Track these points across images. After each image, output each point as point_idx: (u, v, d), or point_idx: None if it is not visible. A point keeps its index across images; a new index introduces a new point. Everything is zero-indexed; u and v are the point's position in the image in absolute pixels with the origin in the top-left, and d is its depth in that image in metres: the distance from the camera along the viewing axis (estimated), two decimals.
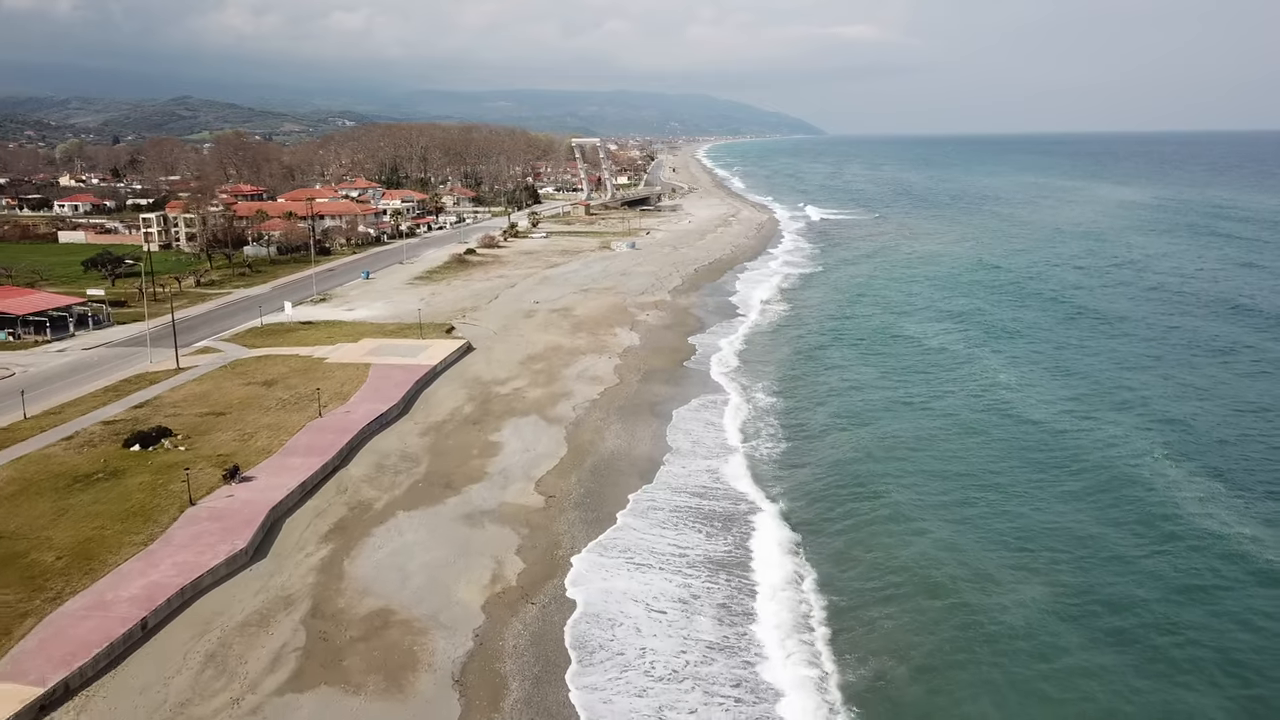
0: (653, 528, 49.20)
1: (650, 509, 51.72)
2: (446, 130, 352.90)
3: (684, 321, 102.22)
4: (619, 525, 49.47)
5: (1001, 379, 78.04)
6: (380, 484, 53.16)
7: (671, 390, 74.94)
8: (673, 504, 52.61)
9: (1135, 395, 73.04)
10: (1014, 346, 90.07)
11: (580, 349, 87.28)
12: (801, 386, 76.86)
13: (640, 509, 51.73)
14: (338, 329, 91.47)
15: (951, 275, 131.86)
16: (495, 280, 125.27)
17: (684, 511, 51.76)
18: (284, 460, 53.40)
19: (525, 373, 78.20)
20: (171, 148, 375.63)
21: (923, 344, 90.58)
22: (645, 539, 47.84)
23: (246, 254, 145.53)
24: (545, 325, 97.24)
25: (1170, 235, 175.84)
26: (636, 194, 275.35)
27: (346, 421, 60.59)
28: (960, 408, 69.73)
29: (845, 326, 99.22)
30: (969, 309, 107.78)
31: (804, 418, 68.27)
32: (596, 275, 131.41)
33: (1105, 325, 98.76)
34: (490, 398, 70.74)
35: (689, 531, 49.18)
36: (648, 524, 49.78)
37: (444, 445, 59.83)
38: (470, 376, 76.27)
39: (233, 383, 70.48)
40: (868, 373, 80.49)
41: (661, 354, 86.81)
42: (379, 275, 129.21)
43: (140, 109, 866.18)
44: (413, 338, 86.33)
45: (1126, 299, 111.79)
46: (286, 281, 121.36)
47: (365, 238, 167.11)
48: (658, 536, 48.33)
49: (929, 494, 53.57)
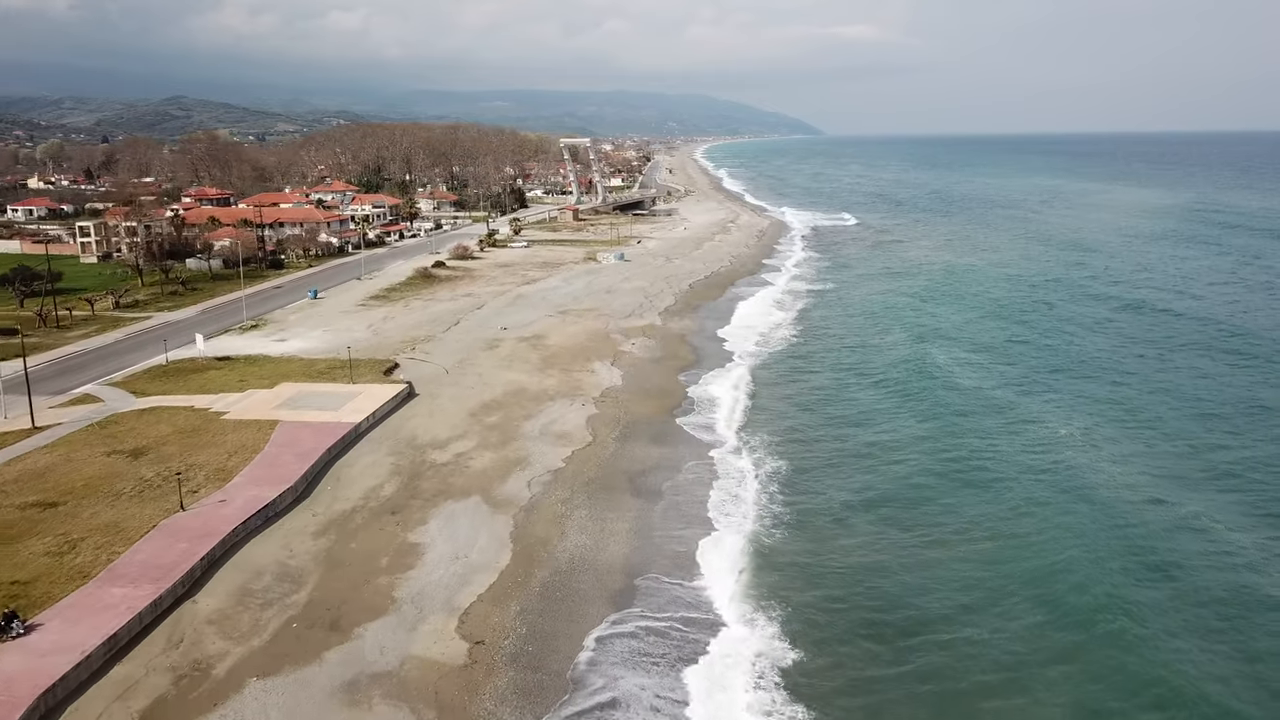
0: (624, 704, 33.78)
1: (622, 662, 36.35)
2: (431, 130, 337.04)
3: (676, 353, 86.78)
4: (570, 701, 34.04)
5: (1062, 434, 62.83)
6: (236, 626, 37.66)
7: (657, 454, 59.51)
8: (652, 653, 37.24)
9: (1229, 457, 58.05)
10: (1064, 386, 74.81)
11: (549, 392, 71.88)
12: (819, 448, 61.30)
13: (606, 662, 36.37)
14: (257, 368, 75.90)
15: (977, 294, 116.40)
16: (461, 300, 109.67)
17: (665, 662, 36.46)
18: (100, 592, 37.89)
19: (474, 429, 62.71)
20: (146, 148, 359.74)
21: (959, 385, 75.18)
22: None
23: (190, 267, 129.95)
24: (510, 359, 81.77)
25: (1207, 247, 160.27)
26: (629, 198, 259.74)
27: (215, 518, 45.10)
28: (1018, 481, 54.28)
29: (866, 362, 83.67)
30: (1004, 337, 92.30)
31: (824, 499, 52.74)
32: (578, 293, 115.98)
33: (1166, 356, 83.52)
34: (422, 470, 55.21)
35: (674, 703, 33.88)
36: (615, 692, 34.40)
37: (343, 552, 44.34)
38: (404, 436, 60.72)
39: (91, 452, 54.91)
40: (897, 428, 64.98)
41: (647, 399, 71.41)
42: (330, 294, 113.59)
43: (133, 109, 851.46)
44: (342, 381, 70.81)
45: (1185, 323, 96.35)
46: (220, 303, 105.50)
47: (327, 248, 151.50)
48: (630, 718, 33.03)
49: (1001, 637, 38.11)
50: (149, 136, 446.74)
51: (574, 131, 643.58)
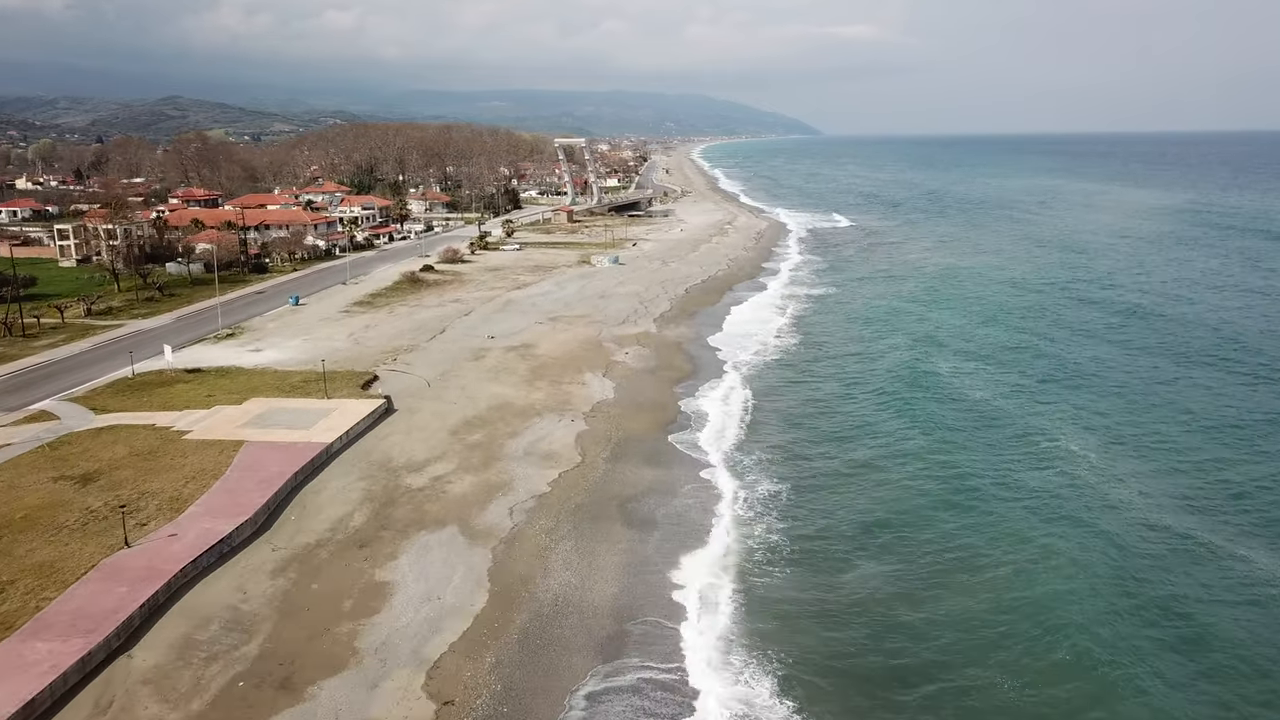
0: None
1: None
2: (424, 130, 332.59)
3: (671, 362, 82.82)
4: None
5: (1074, 450, 58.99)
6: (175, 686, 33.61)
7: (650, 476, 55.53)
8: (643, 710, 33.34)
9: (1240, 475, 54.35)
10: (1071, 398, 70.91)
11: (536, 406, 67.89)
12: (819, 468, 57.33)
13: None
14: (228, 381, 71.79)
15: (981, 298, 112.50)
16: (448, 306, 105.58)
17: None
18: (22, 648, 33.84)
19: (455, 449, 58.69)
20: (137, 148, 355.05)
21: (962, 398, 71.37)
22: None
23: (170, 272, 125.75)
24: (496, 371, 77.76)
25: (1209, 249, 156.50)
26: (625, 198, 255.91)
27: (162, 556, 41.04)
28: (1022, 505, 50.37)
29: (869, 372, 79.68)
30: (1006, 345, 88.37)
31: (826, 526, 48.73)
32: (570, 298, 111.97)
33: (1174, 366, 79.74)
34: (396, 495, 51.18)
35: None
36: None
37: (303, 594, 40.30)
38: (378, 458, 56.69)
39: (37, 477, 50.81)
40: (897, 446, 60.96)
41: (640, 414, 67.43)
42: (313, 299, 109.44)
43: (129, 109, 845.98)
44: (316, 395, 66.74)
45: (1192, 331, 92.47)
46: (196, 310, 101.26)
47: (313, 251, 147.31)
48: None
49: (1007, 688, 34.19)
50: (142, 137, 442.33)
51: (571, 131, 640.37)
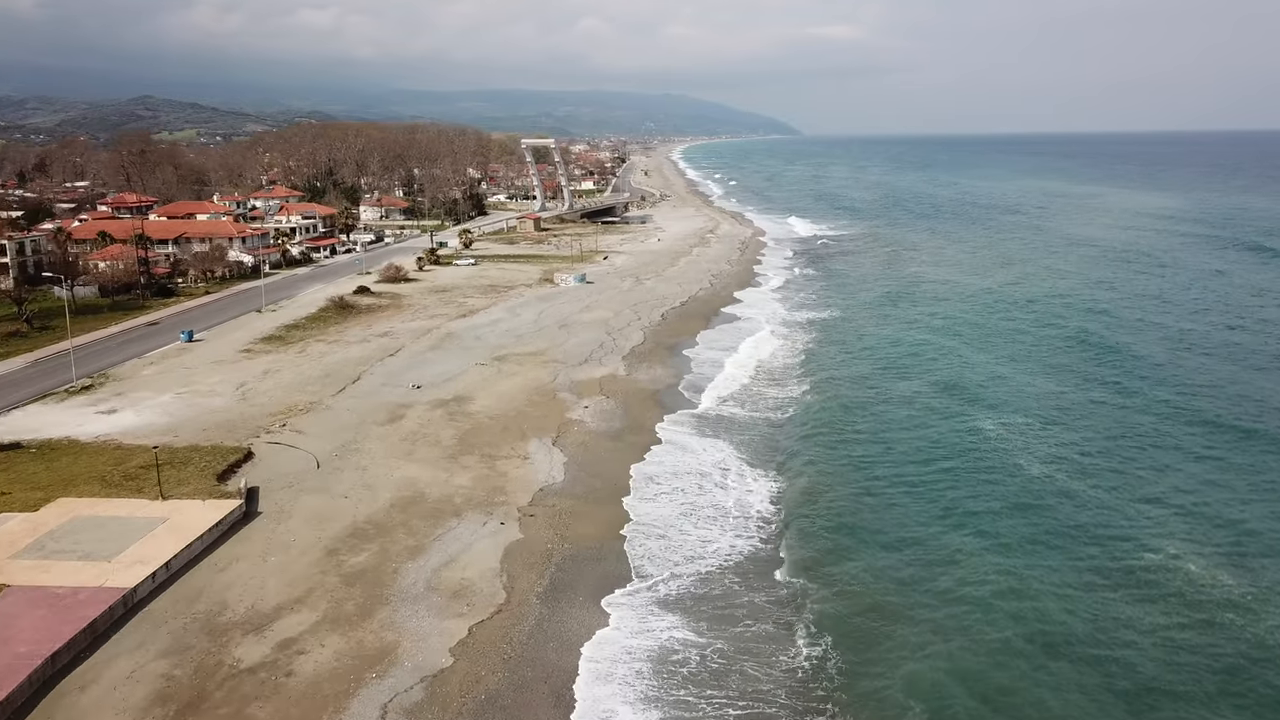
0: None
1: None
2: (386, 130, 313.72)
3: (642, 421, 65.64)
4: None
5: (1195, 576, 42.27)
6: None
7: (604, 624, 38.29)
8: None
9: None
10: (1172, 481, 54.05)
11: (456, 500, 50.60)
12: (872, 629, 40.16)
13: None
14: (42, 467, 53.76)
15: (1010, 331, 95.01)
16: (373, 343, 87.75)
17: None
18: None
19: (326, 583, 41.20)
20: (82, 150, 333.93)
21: (1023, 473, 54.56)
22: None
23: (59, 297, 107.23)
24: (414, 440, 60.26)
25: (1241, 255, 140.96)
26: (600, 203, 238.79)
27: None
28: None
29: (894, 444, 61.98)
30: (1067, 401, 70.91)
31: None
32: (525, 329, 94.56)
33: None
34: (211, 687, 33.57)
35: None
36: None
37: None
38: (205, 607, 39.03)
39: None
40: (936, 555, 43.84)
41: (596, 508, 50.33)
42: (213, 333, 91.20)
43: (99, 109, 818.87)
44: (150, 492, 48.92)
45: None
46: (58, 351, 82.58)
47: (238, 268, 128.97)
48: None
49: None
50: (90, 136, 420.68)
51: (548, 132, 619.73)
